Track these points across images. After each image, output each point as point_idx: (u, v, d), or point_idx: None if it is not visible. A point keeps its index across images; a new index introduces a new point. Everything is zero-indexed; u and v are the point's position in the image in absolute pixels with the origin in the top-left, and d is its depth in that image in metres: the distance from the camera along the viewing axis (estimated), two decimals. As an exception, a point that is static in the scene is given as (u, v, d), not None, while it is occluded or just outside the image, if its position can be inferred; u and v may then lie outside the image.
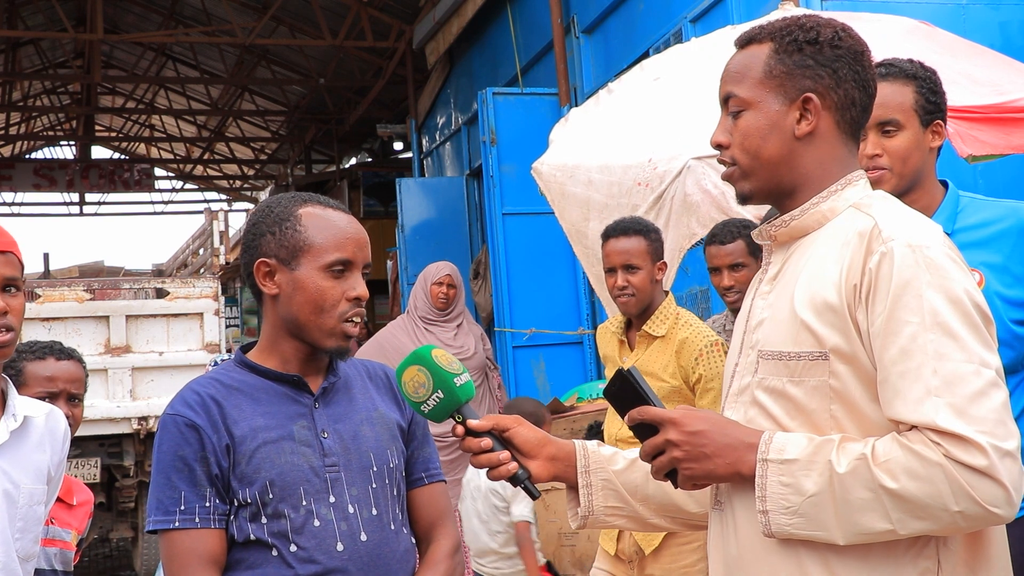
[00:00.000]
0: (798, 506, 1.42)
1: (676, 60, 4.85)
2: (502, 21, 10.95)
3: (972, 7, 6.23)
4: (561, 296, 9.27)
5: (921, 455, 1.36)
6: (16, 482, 2.00)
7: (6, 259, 1.97)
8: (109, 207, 25.59)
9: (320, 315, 1.82)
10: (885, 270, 1.43)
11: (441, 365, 1.69)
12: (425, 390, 1.69)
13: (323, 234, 1.84)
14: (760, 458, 1.45)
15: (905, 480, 1.36)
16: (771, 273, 1.63)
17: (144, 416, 7.56)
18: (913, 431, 1.39)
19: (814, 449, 1.43)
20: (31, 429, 2.07)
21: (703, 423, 1.50)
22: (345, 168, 19.76)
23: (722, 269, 3.53)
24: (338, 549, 1.79)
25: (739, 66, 1.62)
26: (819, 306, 1.48)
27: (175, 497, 1.76)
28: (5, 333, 1.94)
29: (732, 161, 1.62)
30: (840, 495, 1.39)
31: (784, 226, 1.61)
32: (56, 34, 16.01)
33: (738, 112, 1.60)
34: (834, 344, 1.46)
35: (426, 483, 2.00)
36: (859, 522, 1.39)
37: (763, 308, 1.60)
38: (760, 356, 1.56)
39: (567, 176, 4.69)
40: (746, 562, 1.54)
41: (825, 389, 1.47)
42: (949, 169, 2.72)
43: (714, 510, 1.63)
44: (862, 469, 1.39)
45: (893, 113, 2.28)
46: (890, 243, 1.44)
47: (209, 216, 22.99)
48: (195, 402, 1.81)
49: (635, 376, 1.58)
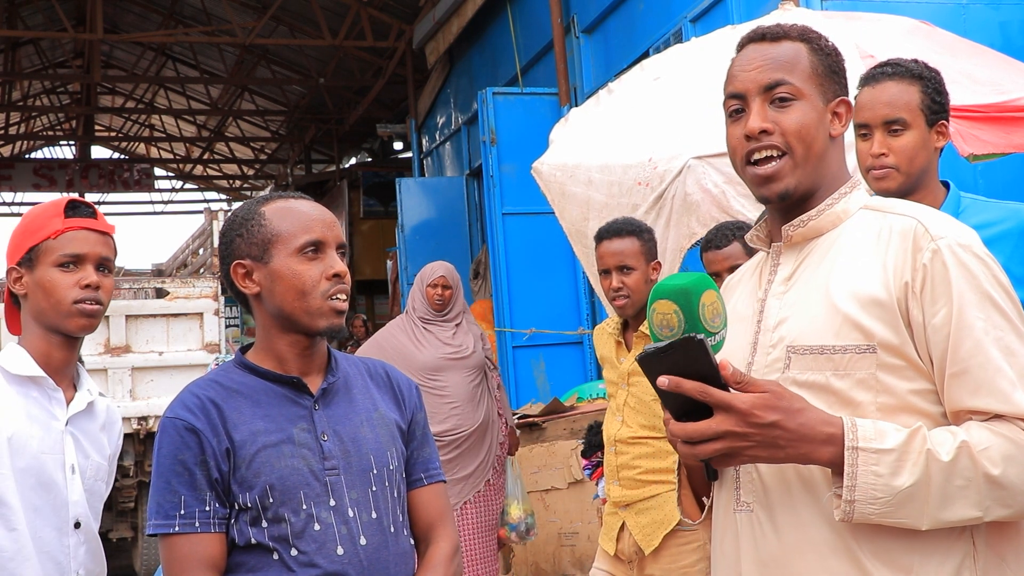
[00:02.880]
0: (892, 496, 1.42)
1: (676, 60, 4.85)
2: (502, 21, 10.95)
3: (972, 7, 6.23)
4: (561, 296, 9.27)
5: (1018, 442, 1.42)
6: (87, 453, 2.14)
7: (104, 240, 2.17)
8: (109, 207, 25.59)
9: (304, 299, 1.82)
10: (939, 267, 1.47)
11: (702, 317, 1.45)
12: (670, 334, 1.46)
13: (288, 222, 1.85)
14: (849, 446, 1.43)
15: (1005, 466, 1.41)
16: (784, 274, 1.64)
17: (144, 416, 7.55)
18: (997, 420, 1.44)
19: (907, 438, 1.43)
20: (98, 410, 2.20)
21: (776, 412, 1.42)
22: (345, 168, 19.78)
23: (721, 273, 3.51)
24: (338, 553, 1.78)
25: (787, 56, 1.61)
26: (865, 301, 1.50)
27: (175, 502, 1.76)
28: (93, 305, 2.11)
29: (784, 150, 1.59)
30: (939, 483, 1.41)
31: (802, 226, 1.62)
32: (56, 34, 16.02)
33: (789, 100, 1.59)
34: (882, 337, 1.48)
35: (425, 484, 1.99)
36: (950, 509, 1.42)
37: (781, 307, 1.60)
38: (792, 352, 1.55)
39: (567, 176, 4.68)
40: (789, 559, 1.53)
41: (872, 381, 1.49)
42: (949, 169, 2.72)
43: (739, 512, 1.60)
44: (964, 457, 1.41)
45: (900, 112, 2.28)
46: (940, 241, 1.49)
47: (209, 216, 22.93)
48: (194, 405, 1.81)
49: (707, 346, 1.40)
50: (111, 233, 2.20)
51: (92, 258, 2.13)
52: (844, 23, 4.34)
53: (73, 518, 2.07)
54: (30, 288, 2.11)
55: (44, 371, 2.09)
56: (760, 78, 1.60)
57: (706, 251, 3.52)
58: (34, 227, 2.13)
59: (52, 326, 2.11)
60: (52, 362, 2.11)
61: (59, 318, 2.10)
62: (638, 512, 3.21)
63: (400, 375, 2.06)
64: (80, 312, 2.10)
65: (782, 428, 1.42)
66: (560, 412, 6.54)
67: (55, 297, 2.08)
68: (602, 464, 3.67)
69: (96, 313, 2.12)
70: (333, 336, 1.88)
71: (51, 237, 2.10)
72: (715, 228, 3.56)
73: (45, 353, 2.11)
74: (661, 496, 3.19)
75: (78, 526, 2.08)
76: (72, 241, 2.11)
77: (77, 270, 2.10)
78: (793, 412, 1.43)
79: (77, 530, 2.07)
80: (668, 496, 3.18)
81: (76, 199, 2.19)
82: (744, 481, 1.60)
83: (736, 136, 1.63)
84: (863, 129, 2.33)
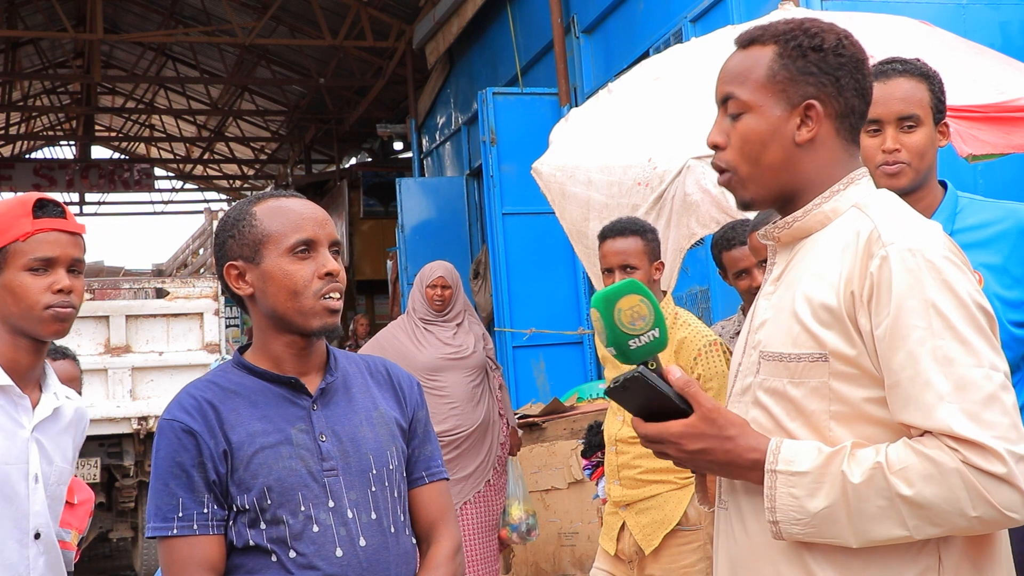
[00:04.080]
0: (809, 518, 1.42)
1: (676, 60, 4.85)
2: (502, 21, 10.95)
3: (972, 7, 6.23)
4: (561, 296, 9.28)
5: (937, 461, 1.36)
6: (50, 459, 2.08)
7: (75, 241, 2.09)
8: (109, 207, 25.61)
9: (296, 299, 1.80)
10: (886, 274, 1.42)
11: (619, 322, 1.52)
12: (644, 323, 1.50)
13: (278, 221, 1.83)
14: (768, 468, 1.44)
15: (921, 486, 1.36)
16: (775, 274, 1.62)
17: (144, 416, 7.55)
18: (927, 436, 1.39)
19: (824, 461, 1.42)
20: (63, 412, 2.14)
21: (702, 441, 1.48)
22: (345, 168, 19.77)
23: (751, 269, 3.42)
24: (337, 555, 1.77)
25: (740, 67, 1.58)
26: (817, 308, 1.47)
27: (173, 504, 1.75)
28: (66, 309, 2.04)
29: (728, 167, 1.59)
30: (855, 505, 1.39)
31: (787, 228, 1.59)
32: (56, 34, 16.01)
33: (737, 115, 1.57)
34: (833, 346, 1.45)
35: (427, 482, 1.97)
36: (874, 529, 1.40)
37: (766, 309, 1.59)
38: (761, 357, 1.55)
39: (567, 176, 4.68)
40: (752, 560, 1.54)
41: (825, 390, 1.47)
42: (949, 169, 2.72)
43: (719, 508, 1.63)
44: (878, 478, 1.38)
45: (914, 109, 2.28)
46: (889, 247, 1.43)
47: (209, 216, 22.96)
48: (192, 407, 1.79)
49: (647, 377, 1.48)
50: (82, 233, 2.12)
51: (64, 261, 2.05)
52: (844, 23, 4.34)
53: (34, 528, 2.01)
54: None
55: (11, 378, 2.02)
56: (718, 90, 1.60)
57: (728, 251, 3.46)
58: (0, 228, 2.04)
59: (21, 330, 2.04)
60: (19, 368, 2.04)
61: (30, 323, 2.03)
62: (638, 512, 3.21)
63: (401, 372, 2.04)
64: (53, 317, 2.03)
65: (709, 454, 1.49)
66: (560, 412, 6.55)
67: (26, 302, 2.01)
68: (602, 464, 3.68)
69: (69, 317, 2.06)
70: (328, 335, 1.86)
71: (20, 239, 2.01)
72: (728, 227, 3.52)
73: (12, 359, 2.03)
74: (661, 496, 3.19)
75: (38, 536, 2.02)
76: (43, 244, 2.03)
77: (48, 274, 2.03)
78: (721, 439, 1.48)
79: (37, 540, 2.01)
80: (668, 496, 3.18)
81: (44, 197, 2.10)
82: (723, 480, 1.61)
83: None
84: (873, 125, 2.30)
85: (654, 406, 1.51)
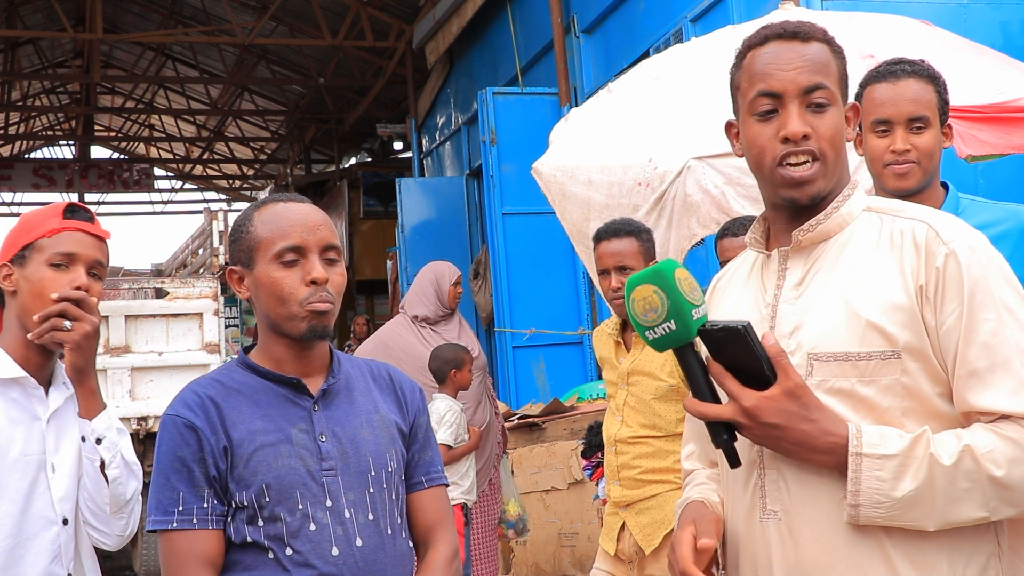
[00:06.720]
0: (894, 501, 1.45)
1: (676, 60, 4.85)
2: (502, 21, 10.96)
3: (973, 7, 6.23)
4: (561, 296, 9.28)
5: (1022, 444, 1.44)
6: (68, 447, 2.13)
7: (99, 245, 2.17)
8: (108, 207, 25.61)
9: (282, 306, 1.82)
10: (952, 270, 1.49)
11: (682, 291, 1.47)
12: (656, 316, 1.48)
13: (269, 228, 1.85)
14: (853, 452, 1.47)
15: (1009, 468, 1.43)
16: (794, 279, 1.63)
17: (143, 416, 7.55)
18: (1004, 421, 1.45)
19: (910, 444, 1.46)
20: (71, 405, 2.18)
21: (779, 416, 1.48)
22: (345, 168, 19.78)
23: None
24: (333, 554, 1.78)
25: (821, 59, 1.59)
26: (887, 307, 1.51)
27: (173, 498, 1.77)
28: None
29: (820, 154, 1.58)
30: (942, 487, 1.44)
31: (811, 230, 1.61)
32: (55, 34, 16.02)
33: (824, 105, 1.58)
34: (906, 342, 1.50)
35: (425, 487, 1.98)
36: (956, 511, 1.45)
37: (794, 313, 1.60)
38: (814, 359, 1.55)
39: (567, 176, 4.68)
40: (821, 564, 1.53)
41: (897, 387, 1.50)
42: (949, 169, 2.72)
43: (767, 520, 1.60)
44: (967, 460, 1.43)
45: (924, 110, 2.29)
46: (952, 244, 1.50)
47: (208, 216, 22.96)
48: (194, 403, 1.82)
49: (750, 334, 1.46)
50: (106, 239, 2.20)
51: (84, 260, 2.13)
52: (844, 23, 4.34)
53: (60, 515, 2.07)
54: (18, 285, 2.10)
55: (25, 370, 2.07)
56: (800, 80, 1.58)
57: (722, 238, 3.50)
58: (30, 226, 2.14)
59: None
60: (30, 365, 2.09)
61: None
62: (638, 512, 3.21)
63: (404, 377, 2.05)
64: None
65: (782, 431, 1.49)
66: (560, 412, 6.55)
67: (44, 297, 2.08)
68: (602, 464, 3.67)
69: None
70: (319, 338, 1.85)
71: (46, 236, 2.10)
72: (730, 221, 3.57)
73: (23, 356, 2.09)
74: (661, 496, 3.19)
75: (66, 523, 2.08)
76: (66, 240, 2.11)
77: (69, 271, 2.10)
78: (800, 418, 1.49)
79: (65, 526, 2.08)
80: (668, 496, 3.18)
81: (76, 203, 2.19)
82: (770, 489, 1.59)
83: (767, 136, 1.59)
84: (882, 125, 2.31)
85: (738, 364, 1.49)
